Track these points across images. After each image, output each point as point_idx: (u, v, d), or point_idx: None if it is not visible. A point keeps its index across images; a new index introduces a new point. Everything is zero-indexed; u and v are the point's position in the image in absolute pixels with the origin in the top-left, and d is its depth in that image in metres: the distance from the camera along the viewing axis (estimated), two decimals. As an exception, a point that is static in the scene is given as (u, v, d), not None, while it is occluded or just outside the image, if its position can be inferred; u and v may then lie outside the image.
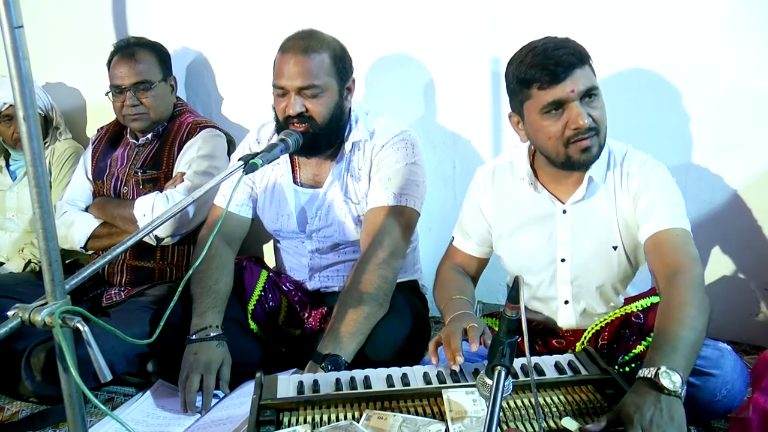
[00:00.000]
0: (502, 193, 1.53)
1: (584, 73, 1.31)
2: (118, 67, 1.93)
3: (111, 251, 1.04)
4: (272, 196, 1.77)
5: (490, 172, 1.56)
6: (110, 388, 1.75)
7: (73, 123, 2.45)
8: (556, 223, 1.45)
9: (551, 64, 1.28)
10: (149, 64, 1.95)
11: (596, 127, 1.33)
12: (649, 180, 1.39)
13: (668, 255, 1.32)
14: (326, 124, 1.60)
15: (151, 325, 1.74)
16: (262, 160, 1.35)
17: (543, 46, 1.32)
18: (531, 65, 1.31)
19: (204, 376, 1.52)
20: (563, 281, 1.48)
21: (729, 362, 1.28)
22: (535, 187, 1.46)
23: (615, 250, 1.43)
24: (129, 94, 1.92)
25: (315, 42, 1.57)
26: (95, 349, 0.90)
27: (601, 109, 1.35)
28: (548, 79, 1.29)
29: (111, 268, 1.99)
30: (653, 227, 1.36)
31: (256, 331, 1.75)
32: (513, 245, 1.52)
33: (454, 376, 1.25)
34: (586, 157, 1.35)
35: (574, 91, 1.29)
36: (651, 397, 1.04)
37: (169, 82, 2.01)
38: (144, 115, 1.96)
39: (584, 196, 1.42)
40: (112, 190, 2.02)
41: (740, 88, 1.73)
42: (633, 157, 1.44)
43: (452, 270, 1.60)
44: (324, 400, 1.18)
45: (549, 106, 1.31)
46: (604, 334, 1.40)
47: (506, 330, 0.97)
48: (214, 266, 1.71)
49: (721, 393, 1.26)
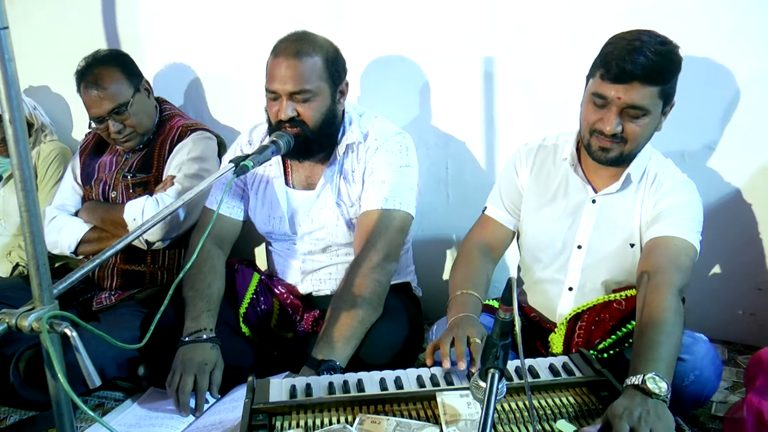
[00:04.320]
0: (541, 172, 1.58)
1: (642, 91, 1.32)
2: (88, 98, 1.87)
3: (101, 255, 1.03)
4: (264, 198, 1.77)
5: (534, 150, 1.60)
6: (100, 393, 1.75)
7: (60, 125, 2.44)
8: (583, 210, 1.51)
9: (620, 65, 1.32)
10: (117, 84, 1.88)
11: (623, 137, 1.38)
12: (675, 190, 1.45)
13: (655, 257, 1.37)
14: (318, 129, 1.60)
15: (142, 329, 1.73)
16: (253, 162, 1.35)
17: (634, 44, 1.32)
18: (611, 53, 1.34)
19: (197, 376, 1.52)
20: (574, 267, 1.52)
21: (701, 350, 1.33)
22: (575, 169, 1.51)
23: (632, 248, 1.48)
24: (110, 122, 1.88)
25: (307, 45, 1.57)
26: (84, 354, 0.89)
27: (643, 128, 1.37)
28: (608, 76, 1.34)
29: (101, 272, 1.98)
30: (658, 231, 1.41)
31: (248, 335, 1.75)
32: (537, 221, 1.57)
33: (447, 378, 1.26)
34: (603, 155, 1.41)
35: (620, 99, 1.34)
36: (638, 399, 1.09)
37: (142, 89, 1.95)
38: (132, 134, 1.94)
39: (618, 190, 1.47)
40: (100, 195, 2.01)
41: (736, 85, 1.73)
42: (669, 168, 1.50)
43: (476, 249, 1.60)
44: (317, 403, 1.18)
45: (596, 96, 1.37)
46: (584, 316, 1.45)
47: (500, 332, 0.98)
48: (205, 269, 1.71)
49: (689, 378, 1.31)
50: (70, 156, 2.25)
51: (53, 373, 0.90)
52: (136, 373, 1.74)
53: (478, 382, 1.01)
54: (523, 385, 1.05)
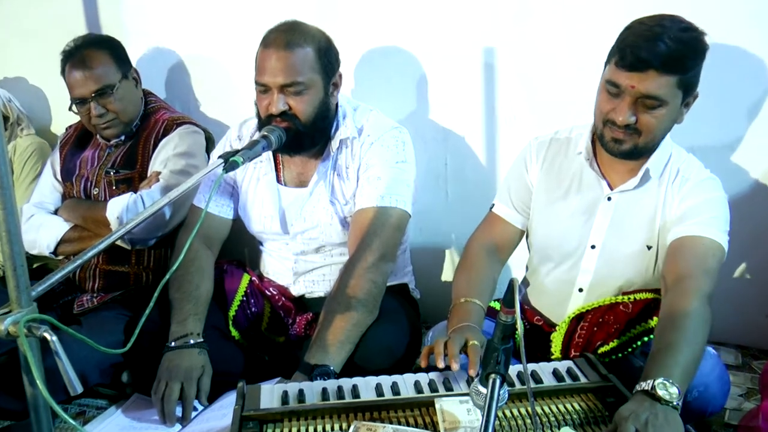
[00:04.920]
0: (553, 166, 1.55)
1: (658, 80, 1.28)
2: (73, 78, 1.86)
3: (82, 255, 1.03)
4: (254, 195, 1.76)
5: (546, 144, 1.58)
6: (82, 400, 1.73)
7: (38, 118, 2.41)
8: (597, 208, 1.48)
9: (635, 52, 1.28)
10: (105, 66, 1.87)
11: (637, 129, 1.35)
12: (700, 188, 1.41)
13: (682, 260, 1.33)
14: (310, 123, 1.59)
15: (126, 334, 1.73)
16: (243, 158, 1.34)
17: (654, 30, 1.29)
18: (628, 39, 1.31)
19: (184, 384, 1.50)
20: (586, 268, 1.50)
21: (707, 364, 1.30)
22: (590, 164, 1.47)
23: (649, 250, 1.45)
24: (93, 104, 1.87)
25: (298, 35, 1.55)
26: (64, 359, 0.88)
27: (659, 119, 1.34)
28: (623, 63, 1.31)
29: (83, 274, 1.96)
30: (683, 230, 1.37)
31: (238, 339, 1.73)
32: (548, 217, 1.54)
33: (446, 384, 1.25)
34: (616, 147, 1.38)
35: (634, 88, 1.31)
36: (647, 404, 1.07)
37: (130, 76, 1.96)
38: (114, 121, 1.92)
39: (635, 186, 1.44)
40: (81, 192, 1.99)
41: (753, 79, 1.72)
42: (692, 163, 1.46)
43: (482, 250, 1.58)
44: (310, 411, 1.18)
45: (610, 84, 1.35)
46: (588, 316, 1.43)
47: (501, 336, 0.97)
48: (193, 270, 1.70)
49: (692, 394, 1.29)
50: (49, 151, 2.23)
51: (31, 379, 0.89)
52: (119, 379, 1.73)
53: (479, 387, 1.00)
54: (526, 391, 1.04)
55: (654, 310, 1.38)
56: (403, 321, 1.64)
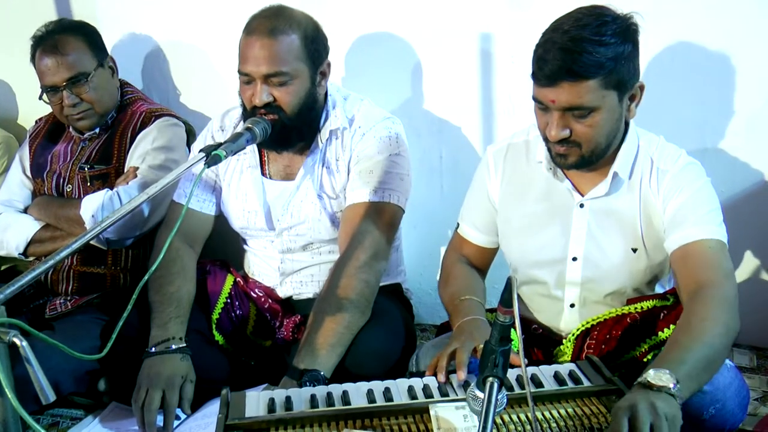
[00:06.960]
0: (514, 177, 1.52)
1: (575, 89, 1.25)
2: (44, 64, 1.85)
3: (54, 256, 1.03)
4: (237, 189, 1.76)
5: (503, 152, 1.54)
6: (55, 410, 1.74)
7: (3, 111, 2.40)
8: (572, 217, 1.45)
9: (542, 66, 1.27)
10: (79, 53, 1.87)
11: (575, 141, 1.32)
12: (683, 180, 1.37)
13: (697, 270, 1.30)
14: (297, 115, 1.59)
15: (102, 339, 1.73)
16: (225, 152, 1.34)
17: (560, 38, 1.25)
18: (536, 52, 1.30)
19: (166, 392, 1.51)
20: (572, 282, 1.48)
21: (724, 379, 1.27)
22: (554, 173, 1.44)
23: (634, 253, 1.43)
24: (65, 92, 1.86)
25: (283, 22, 1.56)
26: (36, 366, 0.89)
27: (595, 126, 1.30)
28: (536, 79, 1.31)
29: (55, 275, 1.96)
30: (683, 237, 1.34)
31: (222, 343, 1.74)
32: (520, 237, 1.51)
33: (442, 389, 1.26)
34: (562, 161, 1.37)
35: (554, 102, 1.29)
36: (640, 393, 1.07)
37: (107, 65, 1.95)
38: (88, 112, 1.92)
39: (607, 192, 1.41)
40: (53, 188, 1.99)
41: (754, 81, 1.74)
42: (665, 151, 1.41)
43: (459, 263, 1.59)
44: (298, 418, 1.18)
45: (535, 100, 1.34)
46: (593, 333, 1.42)
47: (499, 337, 0.98)
48: (174, 271, 1.70)
49: (709, 412, 1.25)
50: (16, 146, 2.22)
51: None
52: (95, 387, 1.73)
53: (476, 392, 1.01)
54: (525, 396, 1.05)
55: (662, 319, 1.38)
56: (397, 323, 1.64)
